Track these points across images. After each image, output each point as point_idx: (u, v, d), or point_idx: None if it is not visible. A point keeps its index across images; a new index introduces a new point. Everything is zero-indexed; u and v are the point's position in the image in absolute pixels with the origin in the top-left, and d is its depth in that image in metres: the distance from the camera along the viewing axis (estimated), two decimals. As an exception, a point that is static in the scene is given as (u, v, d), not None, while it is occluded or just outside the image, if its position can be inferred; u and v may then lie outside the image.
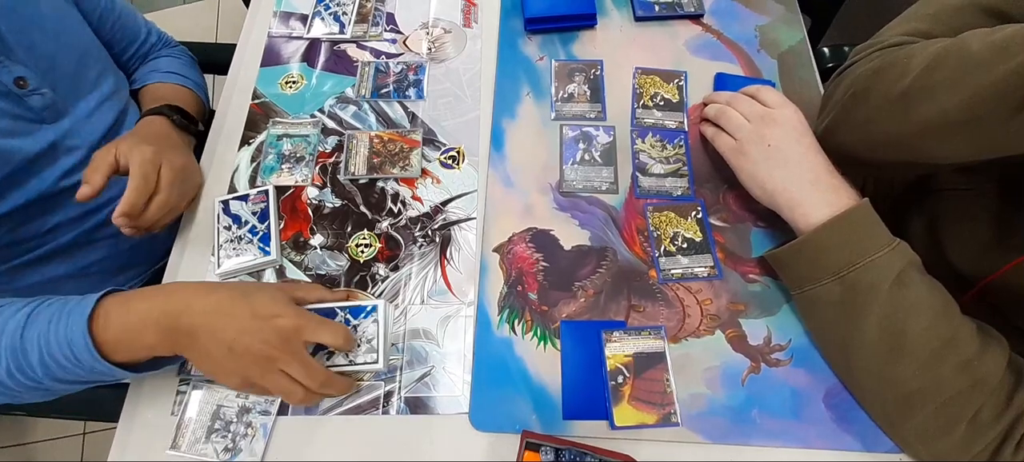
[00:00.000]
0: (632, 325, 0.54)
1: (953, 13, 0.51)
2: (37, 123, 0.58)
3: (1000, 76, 0.40)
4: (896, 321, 0.45)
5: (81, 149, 0.62)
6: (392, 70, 0.70)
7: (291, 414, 0.51)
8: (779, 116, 0.54)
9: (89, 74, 0.64)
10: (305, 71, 0.71)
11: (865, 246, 0.46)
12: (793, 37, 0.72)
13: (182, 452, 0.49)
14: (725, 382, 0.51)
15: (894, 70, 0.47)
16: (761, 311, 0.55)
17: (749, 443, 0.49)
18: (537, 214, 0.60)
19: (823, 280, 0.48)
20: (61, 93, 0.60)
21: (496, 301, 0.55)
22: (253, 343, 0.45)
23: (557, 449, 0.47)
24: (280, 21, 0.75)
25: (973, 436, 0.44)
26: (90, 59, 0.64)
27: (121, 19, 0.70)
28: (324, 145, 0.65)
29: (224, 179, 0.63)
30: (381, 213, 0.61)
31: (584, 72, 0.69)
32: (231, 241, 0.58)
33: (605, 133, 0.65)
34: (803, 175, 0.51)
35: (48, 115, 0.59)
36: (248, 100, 0.69)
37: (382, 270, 0.57)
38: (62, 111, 0.61)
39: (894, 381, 0.46)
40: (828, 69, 0.74)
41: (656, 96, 0.67)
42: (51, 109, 0.59)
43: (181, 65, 0.75)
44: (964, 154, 0.46)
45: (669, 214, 0.59)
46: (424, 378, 0.52)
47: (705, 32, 0.72)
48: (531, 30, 0.72)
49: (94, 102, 0.64)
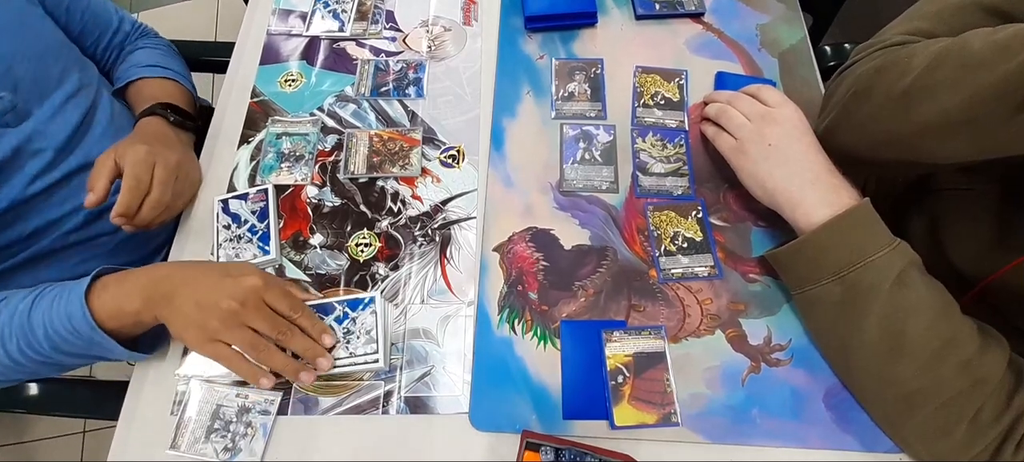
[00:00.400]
0: (632, 325, 0.54)
1: (955, 12, 0.51)
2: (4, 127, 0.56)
3: (1001, 76, 0.40)
4: (896, 321, 0.45)
5: (47, 151, 0.59)
6: (392, 68, 0.70)
7: (291, 414, 0.51)
8: (779, 115, 0.54)
9: (51, 72, 0.61)
10: (304, 69, 0.71)
11: (865, 246, 0.46)
12: (794, 36, 0.72)
13: (182, 452, 0.49)
14: (725, 382, 0.51)
15: (895, 69, 0.47)
16: (761, 311, 0.55)
17: (749, 443, 0.49)
18: (537, 213, 0.60)
19: (823, 280, 0.48)
20: (22, 95, 0.57)
21: (496, 301, 0.55)
22: (220, 298, 0.48)
23: (557, 449, 0.47)
24: (279, 19, 0.75)
25: (973, 436, 0.44)
26: (51, 57, 0.61)
27: (91, 8, 0.68)
28: (323, 144, 0.65)
29: (223, 178, 0.63)
30: (381, 212, 0.61)
31: (584, 71, 0.69)
32: (230, 240, 0.58)
33: (605, 132, 0.64)
34: (803, 174, 0.51)
35: (10, 119, 0.57)
36: (247, 98, 0.68)
37: (382, 269, 0.57)
38: (24, 114, 0.58)
39: (894, 381, 0.46)
40: (829, 67, 0.74)
41: (657, 95, 0.67)
42: (12, 113, 0.57)
43: (161, 56, 0.73)
44: (965, 154, 0.45)
45: (669, 213, 0.59)
46: (424, 378, 0.52)
47: (706, 31, 0.72)
48: (531, 28, 0.72)
49: (58, 101, 0.61)
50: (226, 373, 0.52)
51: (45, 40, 0.62)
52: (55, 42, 0.63)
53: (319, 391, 0.51)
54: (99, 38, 0.71)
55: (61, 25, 0.65)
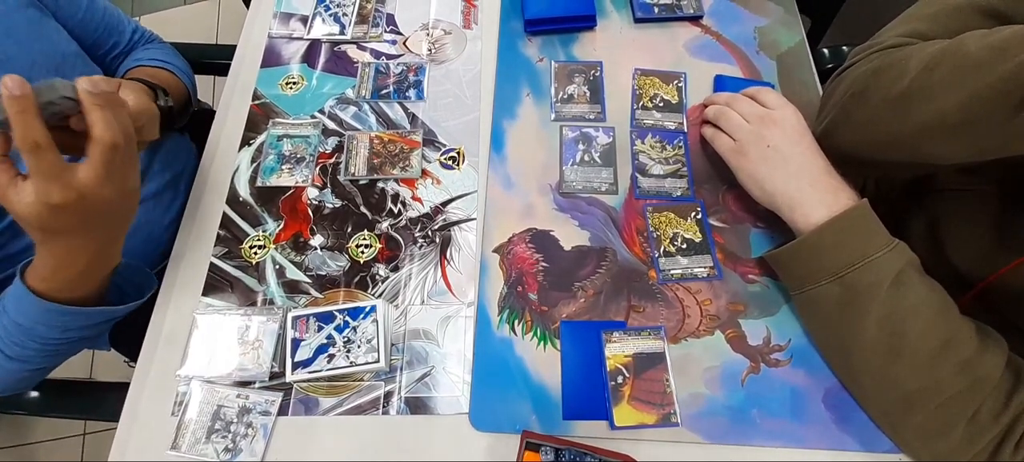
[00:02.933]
0: (632, 325, 0.54)
1: (952, 14, 0.51)
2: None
3: (998, 77, 0.40)
4: (895, 321, 0.45)
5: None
6: (392, 71, 0.70)
7: (291, 414, 0.51)
8: (778, 117, 0.55)
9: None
10: (305, 72, 0.71)
11: (864, 247, 0.47)
12: (792, 38, 0.72)
13: (182, 452, 0.49)
14: (725, 382, 0.51)
15: (893, 71, 0.48)
16: (761, 311, 0.55)
17: (749, 443, 0.49)
18: (537, 215, 0.60)
19: (822, 280, 0.48)
20: None
21: (496, 301, 0.55)
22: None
23: (557, 449, 0.47)
24: (280, 22, 0.75)
25: (972, 436, 0.44)
26: (67, 67, 0.62)
27: (105, 19, 0.69)
28: (324, 146, 0.65)
29: (224, 180, 0.63)
30: (381, 214, 0.61)
31: (584, 73, 0.69)
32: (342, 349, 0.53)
33: (605, 134, 0.65)
34: (802, 176, 0.51)
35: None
36: (248, 101, 0.69)
37: (382, 271, 0.57)
38: None
39: (893, 381, 0.46)
40: (827, 70, 0.74)
41: (655, 97, 0.67)
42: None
43: (163, 52, 0.72)
44: (963, 155, 0.46)
45: (669, 215, 0.60)
46: (424, 378, 0.52)
47: (704, 33, 0.72)
48: (531, 31, 0.72)
49: None
50: (227, 374, 0.52)
51: (61, 50, 0.62)
52: (70, 52, 0.64)
53: (320, 392, 0.52)
54: (112, 48, 0.71)
55: (75, 35, 0.65)
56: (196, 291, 0.57)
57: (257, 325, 0.54)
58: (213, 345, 0.54)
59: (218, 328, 0.54)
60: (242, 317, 0.55)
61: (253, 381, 0.52)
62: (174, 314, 0.56)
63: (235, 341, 0.54)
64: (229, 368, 0.52)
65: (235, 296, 0.56)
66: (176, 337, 0.54)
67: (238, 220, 0.61)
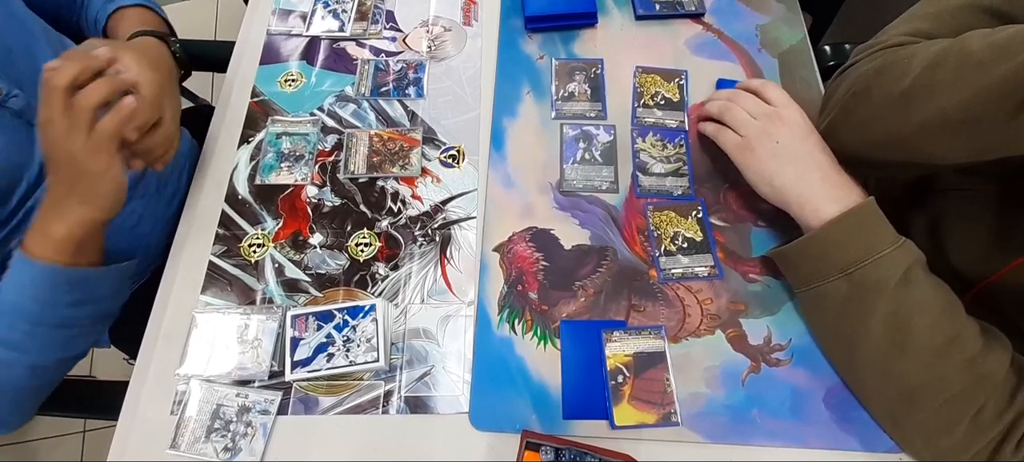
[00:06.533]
0: (632, 325, 0.54)
1: (954, 13, 0.51)
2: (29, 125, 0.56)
3: (1000, 76, 0.40)
4: (901, 318, 0.45)
5: None
6: (392, 68, 0.70)
7: (291, 414, 0.51)
8: (785, 115, 0.55)
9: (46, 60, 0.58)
10: (304, 69, 0.71)
11: (873, 243, 0.47)
12: (794, 36, 0.72)
13: (182, 451, 0.49)
14: (725, 382, 0.51)
15: (895, 69, 0.47)
16: (761, 311, 0.55)
17: (749, 443, 0.49)
18: (537, 213, 0.60)
19: (831, 277, 0.48)
20: (28, 90, 0.56)
21: (496, 300, 0.55)
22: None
23: (557, 449, 0.47)
24: (279, 18, 0.75)
25: (975, 434, 0.44)
26: (40, 45, 0.60)
27: None
28: (323, 143, 0.65)
29: (223, 178, 0.63)
30: (381, 212, 0.61)
31: (584, 71, 0.69)
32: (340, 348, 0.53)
33: (605, 132, 0.64)
34: (813, 172, 0.51)
35: (31, 116, 0.56)
36: (247, 98, 0.68)
37: (382, 269, 0.57)
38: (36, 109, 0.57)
39: (898, 377, 0.46)
40: (829, 67, 0.74)
41: (657, 95, 0.67)
42: (30, 108, 0.56)
43: None
44: (964, 154, 0.46)
45: (669, 213, 0.59)
46: (424, 378, 0.52)
47: (706, 31, 0.72)
48: (531, 29, 0.72)
49: None
50: (226, 373, 0.52)
51: (28, 28, 0.60)
52: (39, 29, 0.61)
53: (319, 391, 0.51)
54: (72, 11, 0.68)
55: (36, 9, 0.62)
56: (195, 289, 0.57)
57: (256, 324, 0.54)
58: (212, 344, 0.53)
59: (217, 327, 0.54)
60: (241, 316, 0.55)
61: (252, 380, 0.52)
62: (173, 312, 0.56)
63: (234, 340, 0.53)
64: (228, 367, 0.52)
65: (234, 295, 0.56)
66: (175, 335, 0.54)
67: (237, 218, 0.61)
